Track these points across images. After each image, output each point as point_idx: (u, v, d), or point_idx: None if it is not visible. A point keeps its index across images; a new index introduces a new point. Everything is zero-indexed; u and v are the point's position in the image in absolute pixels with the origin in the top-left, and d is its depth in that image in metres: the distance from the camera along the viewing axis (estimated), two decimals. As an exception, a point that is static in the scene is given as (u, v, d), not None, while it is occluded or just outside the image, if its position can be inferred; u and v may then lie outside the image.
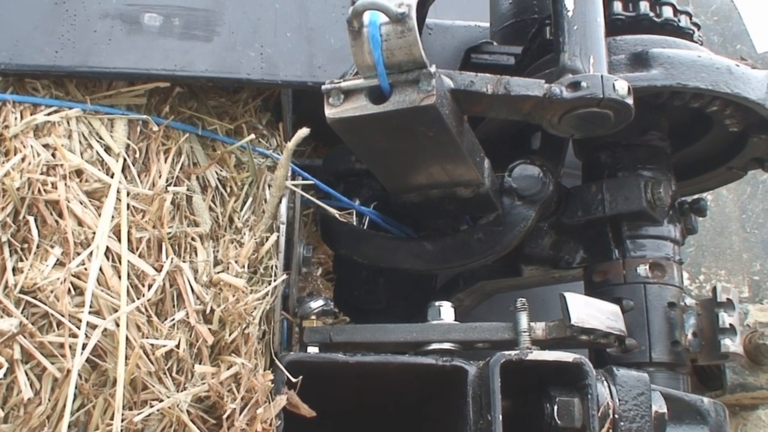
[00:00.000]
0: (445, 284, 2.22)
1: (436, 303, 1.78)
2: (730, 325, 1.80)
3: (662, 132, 2.00)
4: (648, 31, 1.87)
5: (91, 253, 1.47)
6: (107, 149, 1.58)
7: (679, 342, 1.83)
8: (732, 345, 1.79)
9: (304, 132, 1.59)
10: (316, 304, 1.73)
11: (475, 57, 2.21)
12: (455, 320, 1.77)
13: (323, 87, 1.53)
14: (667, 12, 1.92)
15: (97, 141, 1.59)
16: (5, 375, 1.41)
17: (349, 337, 1.72)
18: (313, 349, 1.69)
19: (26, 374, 1.43)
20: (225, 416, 1.47)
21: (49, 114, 1.58)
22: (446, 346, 1.72)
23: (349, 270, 2.19)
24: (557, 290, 2.32)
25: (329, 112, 1.52)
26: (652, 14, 1.91)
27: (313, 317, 1.73)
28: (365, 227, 2.03)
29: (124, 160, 1.58)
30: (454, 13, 2.43)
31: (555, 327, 1.72)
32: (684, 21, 1.93)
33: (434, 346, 1.72)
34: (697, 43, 1.94)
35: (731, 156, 2.05)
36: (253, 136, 1.68)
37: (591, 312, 1.72)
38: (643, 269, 1.89)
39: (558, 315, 1.75)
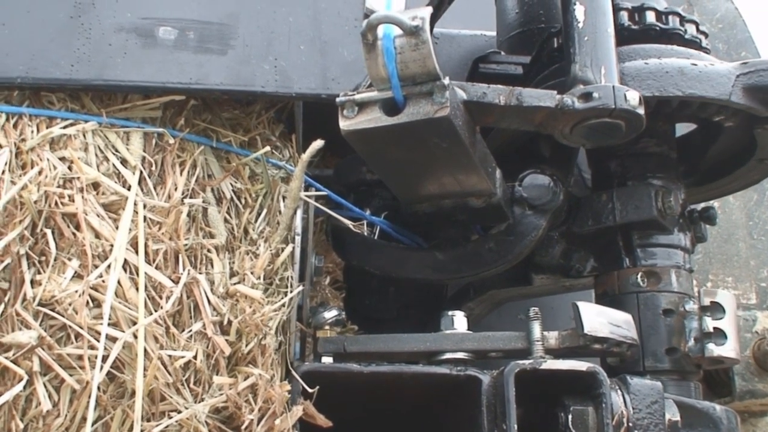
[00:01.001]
0: (456, 293, 2.23)
1: (449, 312, 1.79)
2: (714, 328, 1.79)
3: (659, 138, 2.00)
4: (627, 41, 1.87)
5: (109, 265, 1.47)
6: (123, 162, 1.59)
7: (677, 348, 1.83)
8: (717, 349, 1.78)
9: (318, 144, 1.60)
10: (330, 314, 1.74)
11: (482, 66, 2.23)
12: (468, 329, 1.78)
13: (337, 99, 1.54)
14: (650, 17, 1.91)
15: (113, 154, 1.59)
16: (24, 387, 1.42)
17: (362, 346, 1.73)
18: (327, 359, 1.70)
19: (45, 386, 1.43)
20: (243, 427, 1.48)
21: (65, 127, 1.58)
22: (460, 355, 1.74)
23: (360, 279, 2.20)
24: (566, 299, 2.34)
25: (343, 124, 1.53)
26: (629, 23, 1.91)
27: (327, 327, 1.74)
28: (376, 237, 2.05)
29: (141, 172, 1.59)
30: (459, 23, 2.45)
31: (568, 336, 1.73)
32: (672, 22, 1.92)
33: (447, 355, 1.74)
34: (693, 42, 1.93)
35: (753, 149, 2.02)
36: (268, 148, 1.69)
37: (604, 321, 1.73)
38: (634, 279, 1.90)
39: (567, 323, 1.77)
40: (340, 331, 1.79)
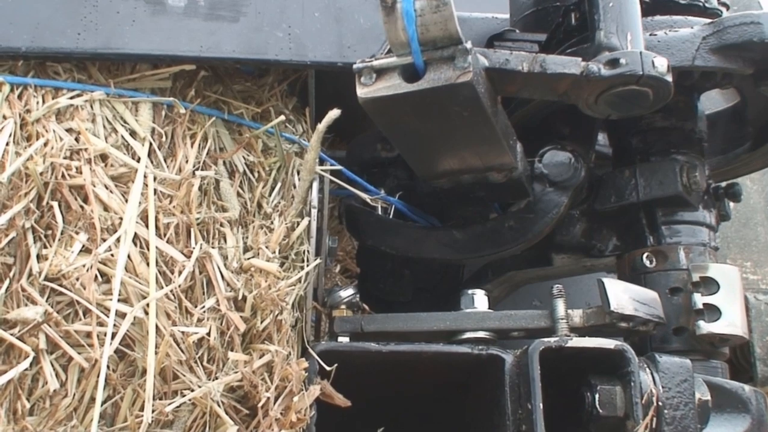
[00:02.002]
0: (473, 275, 2.17)
1: (470, 291, 1.73)
2: (705, 304, 1.73)
3: (666, 112, 1.92)
4: None
5: (118, 239, 1.41)
6: (132, 133, 1.53)
7: (686, 328, 1.77)
8: (707, 326, 1.72)
9: (334, 113, 1.54)
10: (346, 293, 1.69)
11: (498, 44, 2.17)
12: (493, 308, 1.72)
13: (355, 66, 1.48)
14: None
15: (122, 125, 1.54)
16: (30, 365, 1.36)
17: (380, 326, 1.67)
18: (343, 339, 1.65)
19: (52, 365, 1.38)
20: (260, 405, 1.42)
21: (71, 98, 1.53)
22: (480, 334, 1.68)
23: (374, 263, 2.14)
24: (583, 284, 2.29)
25: (361, 92, 1.47)
26: None
27: (343, 306, 1.68)
28: (390, 217, 1.99)
29: (150, 144, 1.53)
30: (470, 5, 2.40)
31: (593, 314, 1.68)
32: None
33: (468, 335, 1.68)
34: (693, 7, 1.86)
35: None
36: (282, 117, 1.63)
37: (630, 298, 1.67)
38: (640, 260, 1.84)
39: (582, 305, 1.71)
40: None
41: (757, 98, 1.97)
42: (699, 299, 1.74)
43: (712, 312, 1.73)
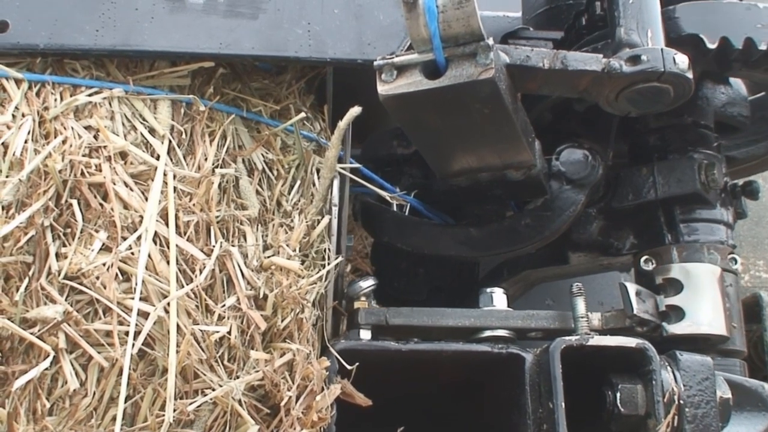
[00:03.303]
0: (488, 274, 2.16)
1: (488, 289, 1.73)
2: (667, 306, 1.72)
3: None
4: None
5: (139, 237, 1.40)
6: (151, 131, 1.52)
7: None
8: (671, 328, 1.70)
9: (355, 111, 1.53)
10: (366, 283, 1.68)
11: (512, 42, 2.17)
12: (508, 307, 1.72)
13: (375, 63, 1.47)
14: None
15: (141, 123, 1.53)
16: (50, 365, 1.35)
17: (406, 319, 1.67)
18: (365, 333, 1.64)
19: (72, 364, 1.36)
20: (282, 404, 1.41)
21: (90, 95, 1.52)
22: (500, 333, 1.67)
23: (389, 261, 2.13)
24: (594, 279, 2.28)
25: (382, 89, 1.46)
26: None
27: (363, 297, 1.67)
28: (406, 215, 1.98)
29: (169, 142, 1.52)
30: (481, 4, 2.39)
31: (612, 317, 1.68)
32: None
33: (487, 333, 1.67)
34: None
35: None
36: (303, 114, 1.62)
37: (646, 302, 1.67)
38: (639, 264, 1.84)
39: (595, 304, 1.71)
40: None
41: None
42: (662, 301, 1.73)
43: (677, 313, 1.72)
